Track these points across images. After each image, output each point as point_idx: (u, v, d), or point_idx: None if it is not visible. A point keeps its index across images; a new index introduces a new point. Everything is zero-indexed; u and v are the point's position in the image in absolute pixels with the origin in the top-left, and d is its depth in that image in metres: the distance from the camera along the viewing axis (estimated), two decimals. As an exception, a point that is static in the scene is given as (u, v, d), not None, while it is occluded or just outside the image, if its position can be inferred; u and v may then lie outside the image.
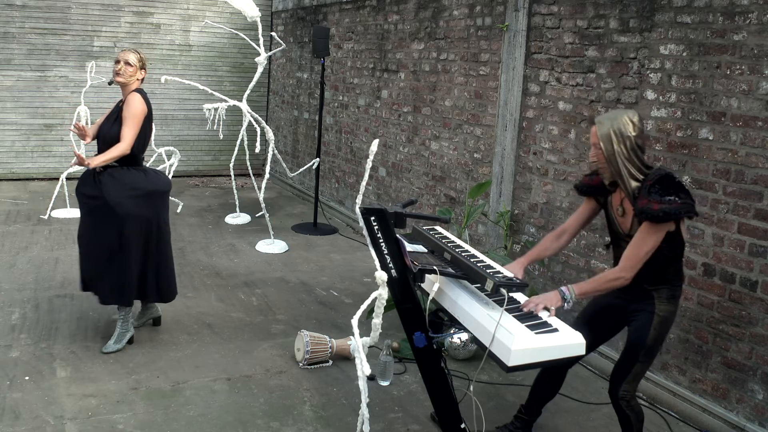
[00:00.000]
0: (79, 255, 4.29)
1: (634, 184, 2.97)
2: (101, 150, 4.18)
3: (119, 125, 4.16)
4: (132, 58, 4.23)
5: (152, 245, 4.24)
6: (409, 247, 3.16)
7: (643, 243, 2.91)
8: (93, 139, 4.31)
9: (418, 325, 2.95)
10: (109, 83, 4.39)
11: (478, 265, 3.06)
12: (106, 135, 4.19)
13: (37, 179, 8.99)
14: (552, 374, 3.38)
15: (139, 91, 4.25)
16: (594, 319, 3.25)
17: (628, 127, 2.97)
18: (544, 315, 2.84)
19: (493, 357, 2.70)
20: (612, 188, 3.14)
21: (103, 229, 4.12)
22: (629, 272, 2.93)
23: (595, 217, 3.34)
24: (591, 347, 3.00)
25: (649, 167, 3.01)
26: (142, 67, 4.30)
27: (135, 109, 4.17)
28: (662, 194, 2.87)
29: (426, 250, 3.31)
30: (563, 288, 2.98)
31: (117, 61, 4.24)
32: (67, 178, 7.33)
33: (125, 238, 4.11)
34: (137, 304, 4.51)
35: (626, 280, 2.94)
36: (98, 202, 4.12)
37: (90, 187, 4.17)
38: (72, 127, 4.21)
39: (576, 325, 3.00)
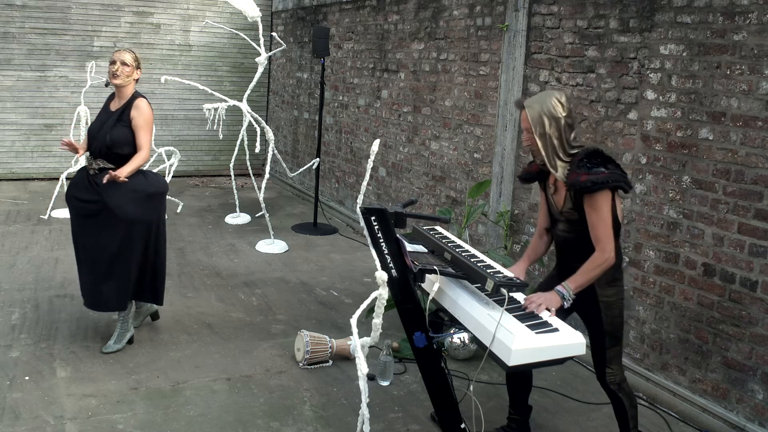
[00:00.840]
0: (77, 264, 4.21)
1: (563, 163, 3.04)
2: (102, 153, 4.09)
3: (124, 128, 4.10)
4: (128, 57, 4.16)
5: (151, 247, 4.22)
6: (410, 247, 3.16)
7: (597, 218, 2.96)
8: (87, 150, 4.19)
9: (418, 325, 2.95)
10: (106, 85, 4.31)
11: (479, 265, 3.06)
12: (111, 138, 4.07)
13: (37, 179, 8.99)
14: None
15: (141, 94, 4.23)
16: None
17: (557, 108, 3.04)
18: (545, 315, 2.84)
19: (493, 357, 2.70)
20: (548, 171, 3.19)
21: (104, 233, 4.06)
22: (609, 249, 2.96)
23: None
24: None
25: (578, 146, 3.08)
26: (138, 67, 4.23)
27: (147, 116, 4.16)
28: (590, 167, 2.95)
29: (426, 250, 3.31)
30: (558, 288, 2.99)
31: (112, 62, 4.15)
32: (67, 178, 7.32)
33: (126, 241, 4.07)
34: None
35: (611, 257, 2.97)
36: (97, 206, 4.05)
37: (86, 192, 4.09)
38: (61, 145, 4.13)
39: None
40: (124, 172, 4.00)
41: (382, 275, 2.80)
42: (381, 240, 2.85)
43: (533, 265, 4.99)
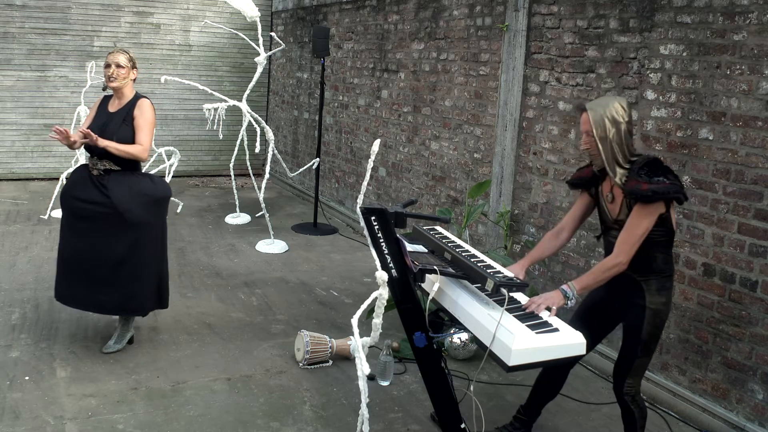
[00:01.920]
0: (61, 266, 4.12)
1: (622, 170, 2.99)
2: (108, 154, 3.99)
3: (128, 128, 4.05)
4: (122, 59, 4.09)
5: (157, 252, 4.18)
6: (410, 247, 3.16)
7: (635, 226, 2.92)
8: (86, 151, 4.11)
9: (419, 325, 2.95)
10: (103, 89, 4.23)
11: (479, 265, 3.06)
12: (118, 139, 4.00)
13: (37, 179, 8.99)
14: (553, 375, 3.38)
15: (143, 95, 4.18)
16: (587, 317, 3.24)
17: (619, 112, 2.99)
18: (545, 315, 2.84)
19: (493, 357, 2.70)
20: (602, 177, 3.15)
21: (108, 237, 3.98)
22: (625, 257, 2.92)
23: (591, 212, 3.34)
24: (589, 346, 3.01)
25: (637, 154, 3.04)
26: (134, 66, 4.16)
27: (150, 117, 4.11)
28: (651, 176, 2.91)
29: (426, 250, 3.31)
30: (563, 287, 2.98)
31: (107, 65, 4.07)
32: (67, 178, 7.33)
33: (135, 245, 4.02)
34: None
35: (623, 265, 2.94)
36: (103, 209, 3.97)
37: (89, 192, 4.00)
38: (52, 134, 3.95)
39: (571, 325, 3.00)
40: (105, 142, 3.89)
41: (382, 275, 2.80)
42: (381, 240, 2.85)
43: (533, 265, 4.99)
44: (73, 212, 4.08)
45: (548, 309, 2.90)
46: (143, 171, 4.30)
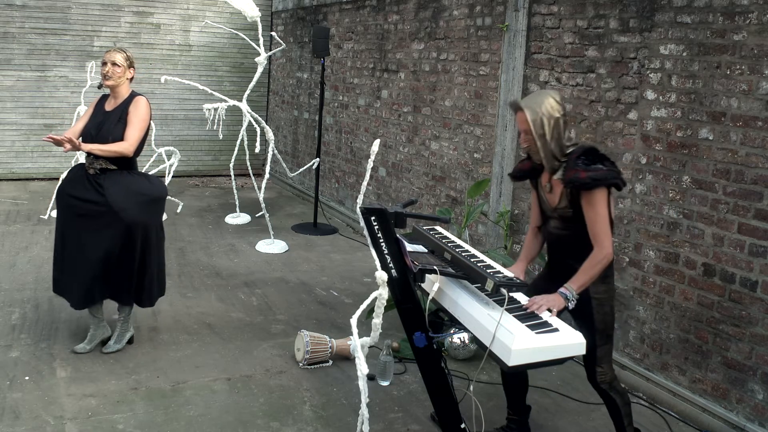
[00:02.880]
0: (60, 261, 4.13)
1: (560, 162, 3.06)
2: (96, 155, 4.01)
3: (123, 127, 4.04)
4: (118, 57, 4.08)
5: (153, 249, 4.18)
6: (410, 247, 3.16)
7: (595, 215, 2.97)
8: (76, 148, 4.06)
9: (418, 325, 2.95)
10: (99, 87, 4.22)
11: (479, 265, 3.06)
12: (114, 138, 4.01)
13: (37, 179, 8.99)
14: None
15: (139, 93, 4.18)
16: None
17: (555, 108, 3.06)
18: (545, 316, 2.84)
19: (493, 357, 2.70)
20: (541, 168, 3.20)
21: (104, 235, 3.99)
22: (607, 246, 2.97)
23: None
24: None
25: (573, 144, 3.12)
26: (131, 66, 4.15)
27: (144, 113, 4.09)
28: (587, 164, 2.97)
29: (426, 250, 3.31)
30: (562, 290, 2.98)
31: (104, 63, 4.09)
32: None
33: (128, 244, 4.02)
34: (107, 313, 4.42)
35: (610, 252, 2.98)
36: (99, 208, 3.98)
37: (86, 191, 4.02)
38: (46, 138, 3.91)
39: None
40: (89, 147, 3.88)
41: (382, 275, 2.80)
42: (381, 240, 2.85)
43: (533, 264, 5.00)
44: (69, 209, 4.09)
45: (549, 311, 2.89)
46: (141, 170, 4.31)
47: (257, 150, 6.71)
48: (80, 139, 4.04)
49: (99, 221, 4.00)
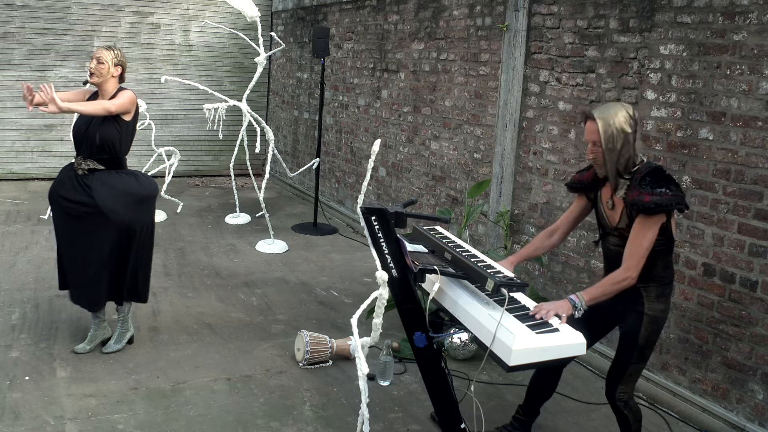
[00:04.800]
0: (63, 263, 4.14)
1: (624, 180, 2.99)
2: (92, 153, 4.00)
3: (112, 125, 4.00)
4: (104, 55, 4.04)
5: (140, 247, 4.14)
6: (410, 247, 3.16)
7: (641, 238, 2.90)
8: (75, 150, 4.08)
9: (419, 325, 2.95)
10: (84, 83, 4.20)
11: (479, 265, 3.06)
12: (101, 136, 3.99)
13: (37, 179, 8.99)
14: (548, 374, 3.37)
15: (126, 88, 4.11)
16: (588, 317, 3.22)
17: (629, 122, 2.97)
18: (554, 322, 2.81)
19: (493, 357, 2.70)
20: (603, 182, 3.14)
21: (96, 236, 3.99)
22: (634, 271, 2.92)
23: (587, 214, 3.34)
24: (587, 346, 3.00)
25: (639, 162, 3.03)
26: (118, 63, 4.09)
27: (124, 100, 4.01)
28: (653, 186, 2.89)
29: (426, 250, 3.31)
30: (572, 297, 2.94)
31: (91, 59, 4.07)
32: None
33: (121, 244, 4.02)
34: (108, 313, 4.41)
35: (633, 279, 2.93)
36: (89, 209, 3.97)
37: (75, 192, 4.00)
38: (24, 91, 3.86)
39: (571, 324, 2.99)
40: (72, 105, 3.86)
41: (382, 275, 2.80)
42: (381, 240, 2.85)
43: (533, 265, 5.00)
44: (62, 211, 4.08)
45: (558, 317, 2.86)
46: (141, 170, 4.30)
47: (257, 150, 6.71)
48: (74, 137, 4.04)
49: (89, 222, 3.99)
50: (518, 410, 3.51)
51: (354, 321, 2.82)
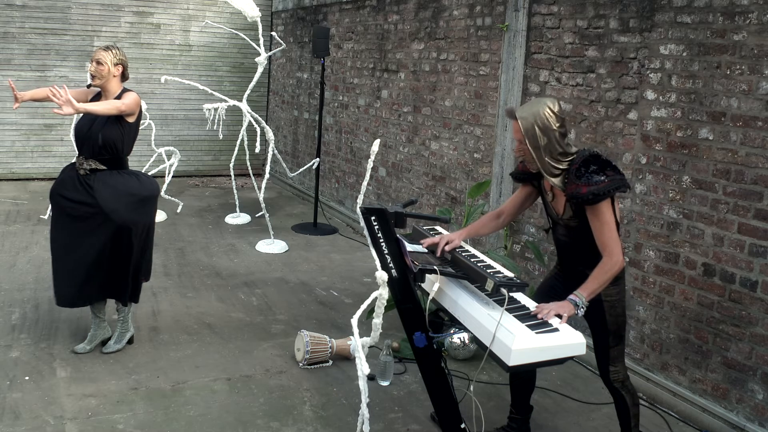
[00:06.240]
0: (59, 266, 4.07)
1: (558, 171, 3.01)
2: (94, 153, 4.00)
3: (115, 125, 4.01)
4: (103, 56, 4.04)
5: (141, 248, 4.14)
6: (410, 247, 3.16)
7: (601, 225, 2.95)
8: (77, 150, 4.08)
9: (419, 325, 2.95)
10: (88, 86, 4.21)
11: (479, 264, 3.06)
12: (104, 137, 4.00)
13: (37, 179, 8.99)
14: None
15: (129, 89, 4.12)
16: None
17: (551, 119, 2.99)
18: (555, 322, 2.81)
19: (493, 357, 2.70)
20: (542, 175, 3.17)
21: (96, 236, 3.98)
22: (616, 254, 2.94)
23: (533, 201, 3.39)
24: None
25: (573, 152, 3.04)
26: (118, 63, 4.09)
27: (129, 101, 4.02)
28: (589, 176, 2.92)
29: (426, 250, 3.31)
30: (572, 297, 2.93)
31: (91, 61, 4.08)
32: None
33: (122, 244, 4.02)
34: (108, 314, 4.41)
35: (621, 260, 2.95)
36: (90, 209, 3.97)
37: (76, 192, 4.01)
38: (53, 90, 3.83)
39: None
40: (87, 106, 3.86)
41: (382, 275, 2.80)
42: (381, 240, 2.85)
43: (533, 265, 5.00)
44: (62, 211, 4.07)
45: (559, 317, 2.86)
46: (141, 170, 4.29)
47: (257, 150, 6.71)
48: (75, 135, 4.03)
49: (91, 222, 3.99)
50: (511, 410, 3.53)
51: (354, 321, 2.82)
